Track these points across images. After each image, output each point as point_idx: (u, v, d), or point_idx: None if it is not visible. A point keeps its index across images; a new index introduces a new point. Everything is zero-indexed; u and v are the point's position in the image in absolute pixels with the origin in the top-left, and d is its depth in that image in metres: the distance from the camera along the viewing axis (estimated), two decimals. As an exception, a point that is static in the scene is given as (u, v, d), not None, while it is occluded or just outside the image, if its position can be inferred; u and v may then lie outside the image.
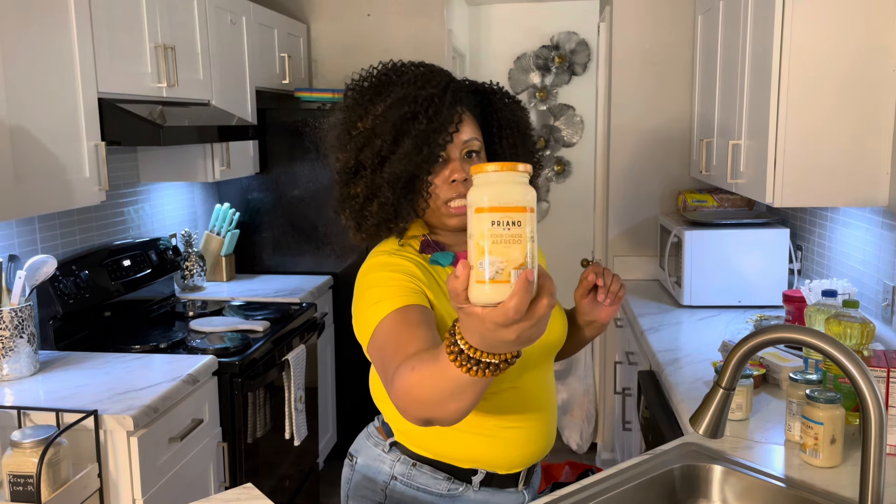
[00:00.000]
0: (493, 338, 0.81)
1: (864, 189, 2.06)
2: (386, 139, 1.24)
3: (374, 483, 1.37)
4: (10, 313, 2.04)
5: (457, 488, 1.34)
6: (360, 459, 1.41)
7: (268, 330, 2.66)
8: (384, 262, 1.27)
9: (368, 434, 1.44)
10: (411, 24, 4.07)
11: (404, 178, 1.24)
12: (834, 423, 1.44)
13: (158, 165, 3.01)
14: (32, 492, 1.65)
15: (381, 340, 1.14)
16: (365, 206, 1.29)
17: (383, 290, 1.21)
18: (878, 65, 2.01)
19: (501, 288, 0.77)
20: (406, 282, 1.22)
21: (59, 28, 2.07)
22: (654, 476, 1.42)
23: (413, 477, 1.34)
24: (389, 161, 1.24)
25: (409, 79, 1.29)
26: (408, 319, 1.14)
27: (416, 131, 1.23)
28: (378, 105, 1.28)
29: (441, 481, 1.33)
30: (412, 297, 1.19)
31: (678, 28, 3.29)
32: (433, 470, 1.33)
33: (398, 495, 1.34)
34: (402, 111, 1.24)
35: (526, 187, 0.80)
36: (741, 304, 2.71)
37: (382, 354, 1.13)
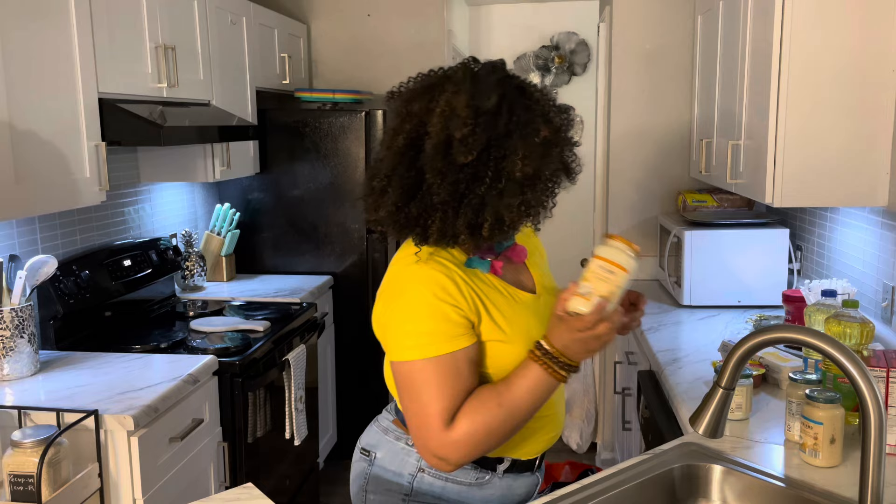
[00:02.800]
0: (570, 338, 1.20)
1: (863, 189, 2.06)
2: (567, 151, 1.29)
3: (400, 475, 1.39)
4: (11, 313, 2.05)
5: (483, 476, 1.39)
6: (380, 453, 1.43)
7: (268, 330, 2.66)
8: (432, 281, 1.25)
9: (385, 429, 1.45)
10: (411, 24, 4.07)
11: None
12: (833, 422, 1.44)
13: (159, 165, 3.01)
14: (33, 491, 1.65)
15: (425, 380, 1.23)
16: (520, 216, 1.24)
17: (431, 324, 1.24)
18: (878, 65, 2.01)
19: (585, 304, 1.19)
20: (458, 318, 1.25)
21: (60, 28, 2.07)
22: (653, 476, 1.42)
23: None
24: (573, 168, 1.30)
25: (549, 90, 1.34)
26: (458, 370, 1.24)
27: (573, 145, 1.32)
28: (554, 115, 1.28)
29: (469, 471, 1.38)
30: (460, 340, 1.25)
31: (678, 28, 3.29)
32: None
33: (426, 486, 1.37)
34: (571, 126, 1.31)
35: (631, 259, 1.21)
36: (741, 304, 2.71)
37: (423, 394, 1.23)
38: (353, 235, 3.55)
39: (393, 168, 1.26)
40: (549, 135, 1.25)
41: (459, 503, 1.38)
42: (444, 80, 1.27)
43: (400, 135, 1.25)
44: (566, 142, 1.28)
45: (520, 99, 1.25)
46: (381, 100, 4.16)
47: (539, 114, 1.25)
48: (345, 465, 3.69)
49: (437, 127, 1.21)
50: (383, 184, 1.28)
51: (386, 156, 1.28)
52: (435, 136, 1.21)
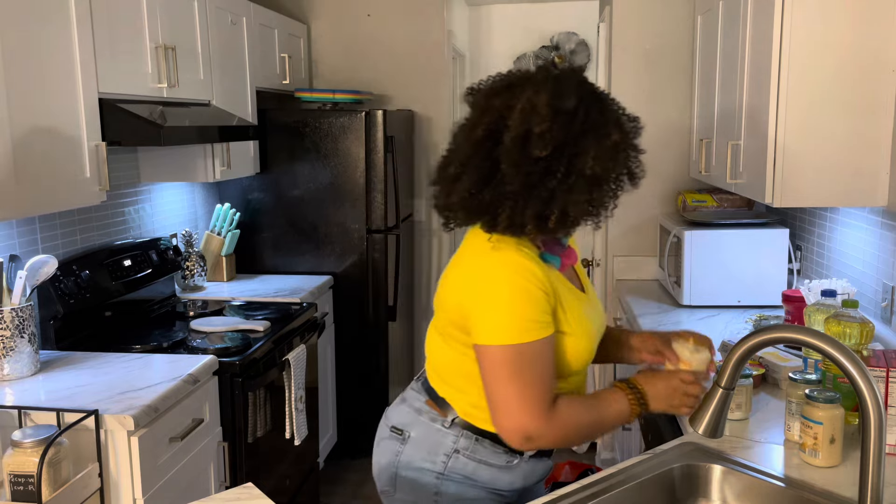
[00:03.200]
0: (663, 386, 1.43)
1: (863, 189, 2.06)
2: (635, 152, 1.38)
3: (434, 455, 1.46)
4: (11, 313, 2.05)
5: (512, 460, 1.47)
6: (414, 433, 1.49)
7: (268, 330, 2.66)
8: (528, 270, 1.34)
9: (419, 410, 1.51)
10: (411, 24, 4.07)
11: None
12: (833, 422, 1.44)
13: (159, 165, 3.01)
14: (33, 491, 1.65)
15: (523, 359, 1.33)
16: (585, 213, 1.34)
17: (536, 308, 1.33)
18: (878, 64, 2.01)
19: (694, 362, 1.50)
20: (547, 305, 1.35)
21: (60, 28, 2.07)
22: (653, 476, 1.42)
23: (476, 451, 1.45)
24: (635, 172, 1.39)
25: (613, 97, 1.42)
26: (549, 358, 1.36)
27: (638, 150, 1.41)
28: (622, 118, 1.36)
29: (500, 454, 1.45)
30: (551, 327, 1.36)
31: (678, 28, 3.29)
32: (493, 444, 1.45)
33: (460, 466, 1.45)
34: (638, 132, 1.40)
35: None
36: (740, 303, 2.71)
37: (523, 370, 1.32)
38: (353, 235, 3.56)
39: (469, 157, 1.35)
40: (619, 139, 1.33)
41: (488, 483, 1.46)
42: (524, 80, 1.36)
43: (479, 127, 1.34)
44: (633, 147, 1.37)
45: (595, 103, 1.34)
46: (381, 100, 4.17)
47: (611, 119, 1.34)
48: (344, 464, 3.72)
49: (516, 121, 1.30)
50: (458, 171, 1.36)
51: (462, 145, 1.37)
52: (514, 129, 1.30)
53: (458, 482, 1.45)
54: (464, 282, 1.38)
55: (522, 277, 1.33)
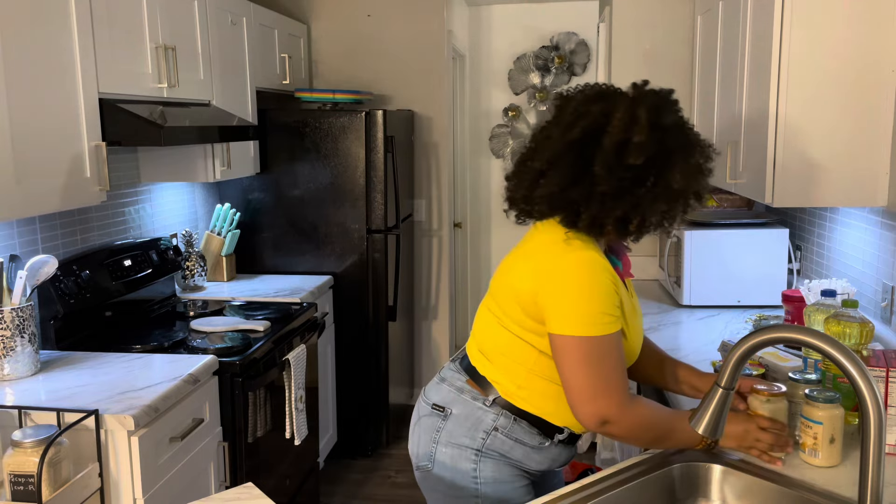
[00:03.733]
0: (742, 425, 1.47)
1: (863, 189, 2.06)
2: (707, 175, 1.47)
3: (474, 432, 1.54)
4: (11, 313, 2.05)
5: (544, 442, 1.55)
6: (456, 410, 1.57)
7: (268, 330, 2.66)
8: (606, 268, 1.43)
9: (459, 389, 1.59)
10: (411, 24, 4.07)
11: None
12: (833, 422, 1.44)
13: (159, 166, 3.01)
14: (33, 491, 1.65)
15: (600, 350, 1.41)
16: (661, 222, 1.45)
17: (612, 303, 1.42)
18: (878, 65, 2.01)
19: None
20: (619, 301, 1.44)
21: (60, 28, 2.07)
22: (653, 476, 1.42)
23: (513, 430, 1.53)
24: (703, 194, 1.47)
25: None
26: (622, 348, 1.45)
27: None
28: (704, 147, 1.48)
29: (535, 435, 1.54)
30: (621, 322, 1.45)
31: (678, 28, 3.29)
32: (529, 425, 1.53)
33: (497, 444, 1.53)
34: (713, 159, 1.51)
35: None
36: (740, 303, 2.71)
37: (600, 359, 1.41)
38: (353, 235, 3.56)
39: (560, 155, 1.44)
40: (701, 161, 1.45)
41: (520, 461, 1.55)
42: (616, 93, 1.46)
43: (575, 128, 1.43)
44: (710, 171, 1.47)
45: (686, 125, 1.46)
46: (381, 100, 4.17)
47: (696, 142, 1.46)
48: (345, 464, 3.71)
49: (617, 128, 1.39)
50: (543, 167, 1.46)
51: (552, 144, 1.46)
52: (614, 135, 1.39)
53: (495, 459, 1.54)
54: (543, 273, 1.44)
55: (602, 274, 1.41)
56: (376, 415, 3.71)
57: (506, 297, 1.52)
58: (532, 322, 1.47)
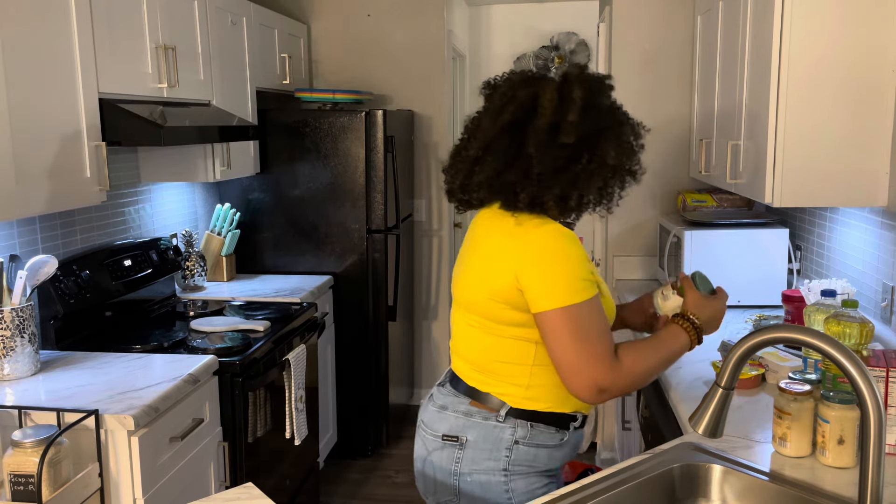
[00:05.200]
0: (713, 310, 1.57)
1: (863, 189, 2.06)
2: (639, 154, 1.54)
3: (497, 451, 1.52)
4: (11, 313, 2.05)
5: (563, 437, 1.55)
6: (471, 436, 1.54)
7: (268, 330, 2.66)
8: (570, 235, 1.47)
9: (467, 413, 1.55)
10: (411, 24, 4.07)
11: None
12: (842, 423, 1.43)
13: (159, 166, 3.01)
14: (33, 491, 1.65)
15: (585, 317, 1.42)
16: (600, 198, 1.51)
17: (586, 268, 1.45)
18: (878, 65, 2.01)
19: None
20: (591, 265, 1.48)
21: (60, 28, 2.07)
22: (653, 475, 1.42)
23: (533, 437, 1.52)
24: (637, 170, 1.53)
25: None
26: (602, 310, 1.47)
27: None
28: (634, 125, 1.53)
29: (553, 433, 1.53)
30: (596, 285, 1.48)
31: (678, 28, 3.29)
32: (546, 426, 1.52)
33: (522, 456, 1.52)
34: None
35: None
36: (740, 303, 2.71)
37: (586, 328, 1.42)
38: (353, 235, 3.56)
39: (492, 140, 1.47)
40: (633, 139, 1.51)
41: (546, 465, 1.54)
42: (543, 77, 1.51)
43: (505, 112, 1.46)
44: (640, 148, 1.53)
45: (615, 106, 1.52)
46: (381, 100, 4.17)
47: (626, 121, 1.51)
48: (345, 464, 3.71)
49: (549, 109, 1.43)
50: (478, 154, 1.49)
51: (485, 130, 1.49)
52: (547, 116, 1.43)
53: (524, 474, 1.52)
54: (515, 260, 1.45)
55: (569, 241, 1.45)
56: (376, 415, 3.71)
57: (486, 303, 1.50)
58: (522, 315, 1.47)
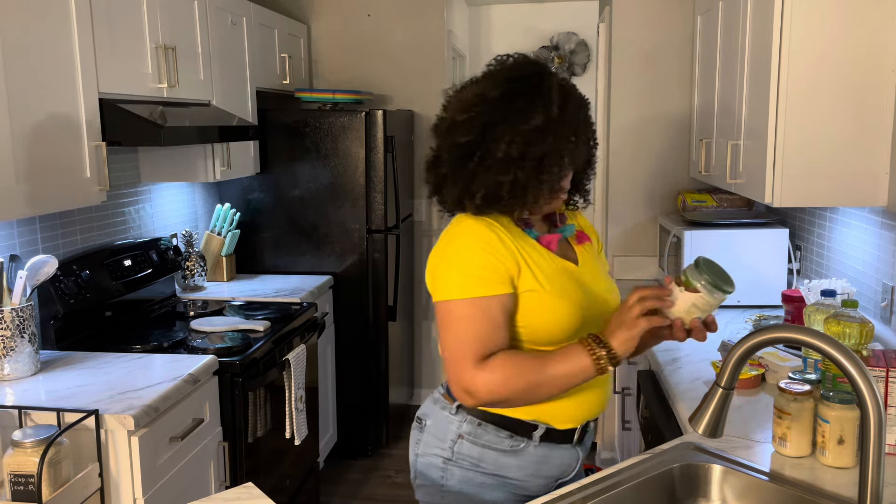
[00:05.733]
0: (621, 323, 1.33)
1: (863, 189, 2.06)
2: (561, 140, 1.39)
3: (443, 441, 1.50)
4: (11, 313, 2.05)
5: (518, 444, 1.47)
6: (430, 421, 1.55)
7: (268, 330, 2.66)
8: (475, 231, 1.41)
9: (435, 399, 1.57)
10: (411, 24, 4.07)
11: (574, 170, 1.46)
12: (842, 423, 1.43)
13: (159, 166, 3.01)
14: (33, 491, 1.65)
15: (465, 314, 1.37)
16: (512, 190, 1.40)
17: (473, 268, 1.38)
18: (878, 65, 2.01)
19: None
20: (497, 264, 1.39)
21: (60, 28, 2.07)
22: (653, 475, 1.42)
23: (478, 435, 1.47)
24: (556, 159, 1.39)
25: (567, 84, 1.45)
26: (492, 316, 1.37)
27: (585, 135, 1.45)
28: (551, 106, 1.39)
29: (504, 438, 1.47)
30: (498, 287, 1.38)
31: (678, 28, 3.29)
32: (497, 428, 1.46)
33: (465, 451, 1.48)
34: (583, 114, 1.44)
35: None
36: (740, 303, 2.71)
37: (458, 330, 1.37)
38: (353, 235, 3.56)
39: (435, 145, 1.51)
40: (542, 123, 1.38)
41: (496, 470, 1.48)
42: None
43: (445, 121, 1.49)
44: (562, 129, 1.39)
45: (526, 89, 1.40)
46: (381, 100, 4.17)
47: (539, 104, 1.39)
48: (345, 464, 3.71)
49: (448, 112, 1.46)
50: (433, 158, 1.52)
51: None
52: (447, 118, 1.45)
53: (465, 468, 1.48)
54: (432, 253, 1.48)
55: (473, 240, 1.40)
56: (376, 415, 3.71)
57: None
58: None
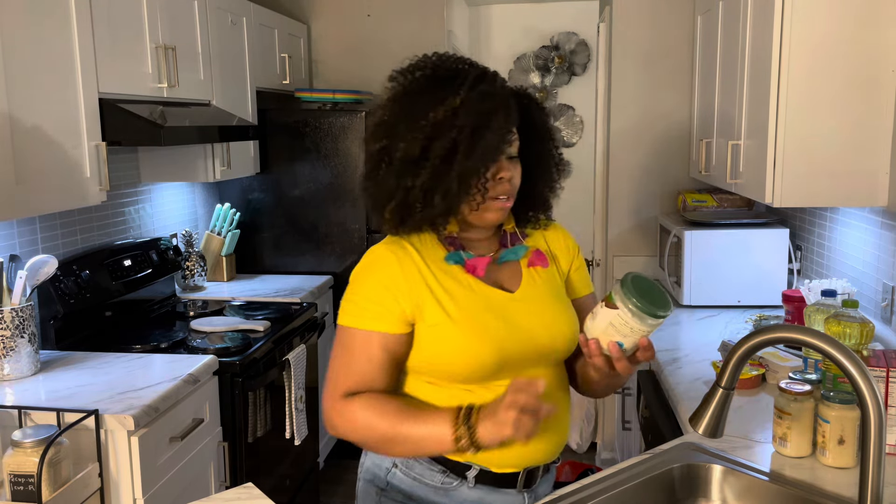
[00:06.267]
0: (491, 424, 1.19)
1: (863, 189, 2.06)
2: (465, 131, 1.25)
3: (380, 469, 1.40)
4: (11, 313, 2.05)
5: (451, 482, 1.35)
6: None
7: (268, 330, 2.66)
8: (378, 261, 1.36)
9: None
10: (411, 24, 4.07)
11: (477, 171, 1.27)
12: (842, 423, 1.43)
13: (159, 165, 3.01)
14: (33, 491, 1.65)
15: (341, 342, 1.33)
16: (422, 197, 1.28)
17: (360, 298, 1.34)
18: (878, 65, 2.01)
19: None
20: (391, 305, 1.30)
21: (61, 28, 2.07)
22: (653, 476, 1.42)
23: (411, 466, 1.36)
24: (461, 152, 1.25)
25: (479, 74, 1.32)
26: (370, 353, 1.31)
27: (496, 125, 1.26)
28: (454, 97, 1.27)
29: (436, 474, 1.35)
30: (380, 324, 1.31)
31: (678, 28, 3.29)
32: (430, 462, 1.35)
33: (398, 482, 1.37)
34: (486, 105, 1.26)
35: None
36: (741, 303, 2.71)
37: (336, 356, 1.33)
38: (353, 235, 3.56)
39: None
40: (440, 117, 1.26)
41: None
42: None
43: None
44: (467, 121, 1.25)
45: (430, 82, 1.31)
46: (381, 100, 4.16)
47: (442, 96, 1.27)
48: (344, 464, 3.71)
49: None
50: None
51: None
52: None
53: (399, 501, 1.37)
54: None
55: (370, 269, 1.36)
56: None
57: None
58: None
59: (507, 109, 1.29)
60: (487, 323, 1.31)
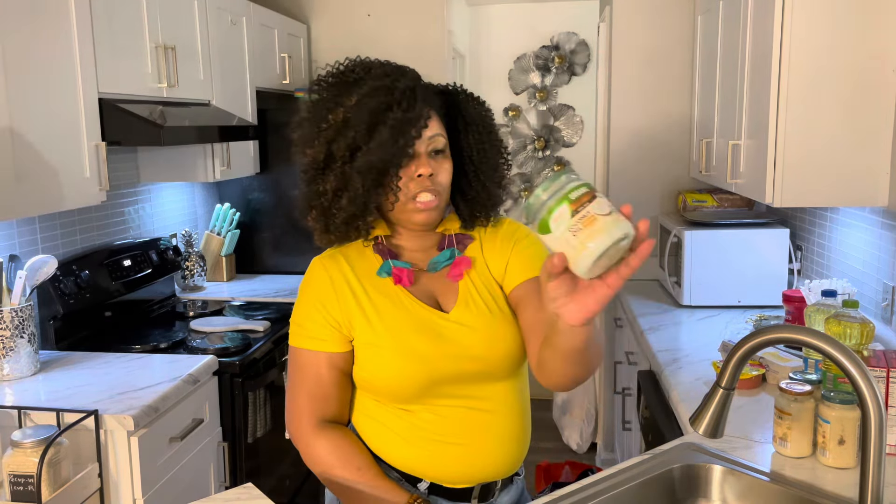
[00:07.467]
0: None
1: (863, 189, 2.06)
2: (360, 129, 1.22)
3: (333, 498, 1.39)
4: (11, 313, 2.05)
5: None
6: None
7: (268, 330, 2.66)
8: (314, 276, 1.36)
9: None
10: (411, 24, 4.07)
11: (377, 168, 1.22)
12: (843, 423, 1.43)
13: (159, 165, 3.01)
14: (33, 491, 1.65)
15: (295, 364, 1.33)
16: (334, 201, 1.27)
17: (301, 316, 1.33)
18: (878, 65, 2.01)
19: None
20: (325, 323, 1.30)
21: (60, 28, 2.07)
22: (653, 476, 1.42)
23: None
24: (362, 151, 1.22)
25: (382, 72, 1.29)
26: (319, 374, 1.30)
27: (391, 121, 1.21)
28: (350, 97, 1.25)
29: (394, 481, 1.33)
30: (322, 344, 1.30)
31: (678, 28, 3.29)
32: (387, 469, 1.34)
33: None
34: (378, 101, 1.22)
35: None
36: (741, 304, 2.71)
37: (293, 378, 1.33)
38: (353, 235, 3.55)
39: None
40: (339, 119, 1.24)
41: None
42: None
43: None
44: (359, 120, 1.22)
45: (332, 88, 1.28)
46: (381, 100, 4.16)
47: (338, 100, 1.26)
48: (345, 465, 3.70)
49: None
50: None
51: None
52: None
53: None
54: None
55: (306, 285, 1.36)
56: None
57: None
58: None
59: (409, 104, 1.23)
60: (415, 344, 1.27)
